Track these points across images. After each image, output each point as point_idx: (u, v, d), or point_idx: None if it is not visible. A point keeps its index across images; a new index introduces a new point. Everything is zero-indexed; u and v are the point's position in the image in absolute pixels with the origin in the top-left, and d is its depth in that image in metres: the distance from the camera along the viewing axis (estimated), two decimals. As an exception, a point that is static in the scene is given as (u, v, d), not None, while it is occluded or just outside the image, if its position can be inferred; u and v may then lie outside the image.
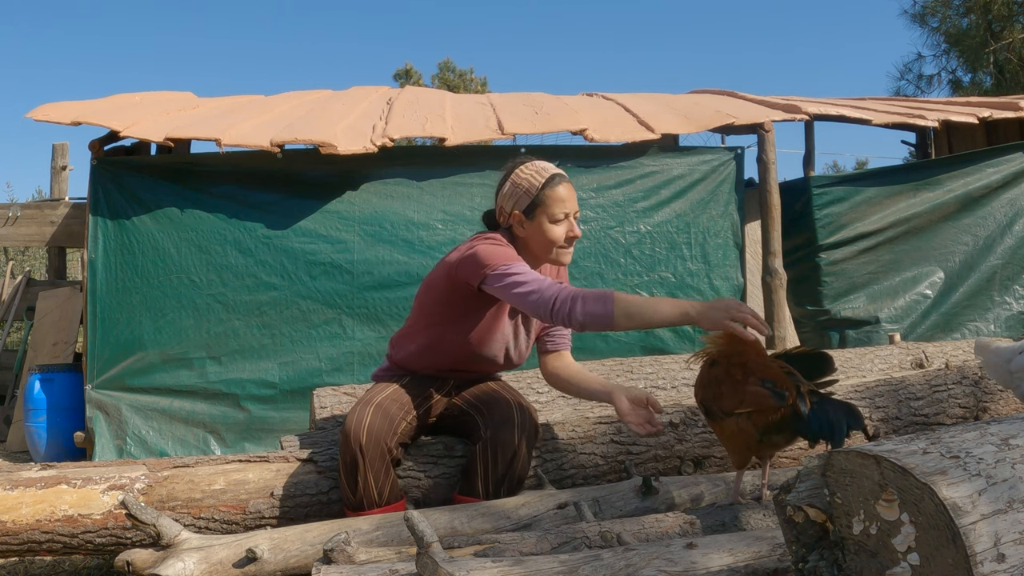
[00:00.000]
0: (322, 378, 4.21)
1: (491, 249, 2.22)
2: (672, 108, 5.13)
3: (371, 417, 2.19)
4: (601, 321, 2.05)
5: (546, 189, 2.28)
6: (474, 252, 2.22)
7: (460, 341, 2.32)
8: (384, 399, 2.26)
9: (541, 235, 2.28)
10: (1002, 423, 1.33)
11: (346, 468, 2.18)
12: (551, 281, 2.13)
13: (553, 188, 2.28)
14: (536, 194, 2.28)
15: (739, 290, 4.58)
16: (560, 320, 2.07)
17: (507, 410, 2.27)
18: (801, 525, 1.30)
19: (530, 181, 2.29)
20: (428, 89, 8.73)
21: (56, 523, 2.14)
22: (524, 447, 2.24)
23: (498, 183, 2.37)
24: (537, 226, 2.28)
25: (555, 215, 2.27)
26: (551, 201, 2.27)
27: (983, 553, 1.09)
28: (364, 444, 2.16)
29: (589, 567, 1.51)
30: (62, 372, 4.72)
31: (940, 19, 11.55)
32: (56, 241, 6.07)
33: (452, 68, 16.73)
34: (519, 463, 2.25)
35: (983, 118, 5.09)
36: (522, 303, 2.13)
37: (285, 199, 4.36)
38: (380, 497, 2.17)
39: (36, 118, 4.42)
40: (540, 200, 2.27)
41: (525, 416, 2.27)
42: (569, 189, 2.31)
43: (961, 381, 2.92)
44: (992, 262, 5.01)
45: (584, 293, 2.07)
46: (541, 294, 2.09)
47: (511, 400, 2.31)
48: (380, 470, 2.17)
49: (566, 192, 2.30)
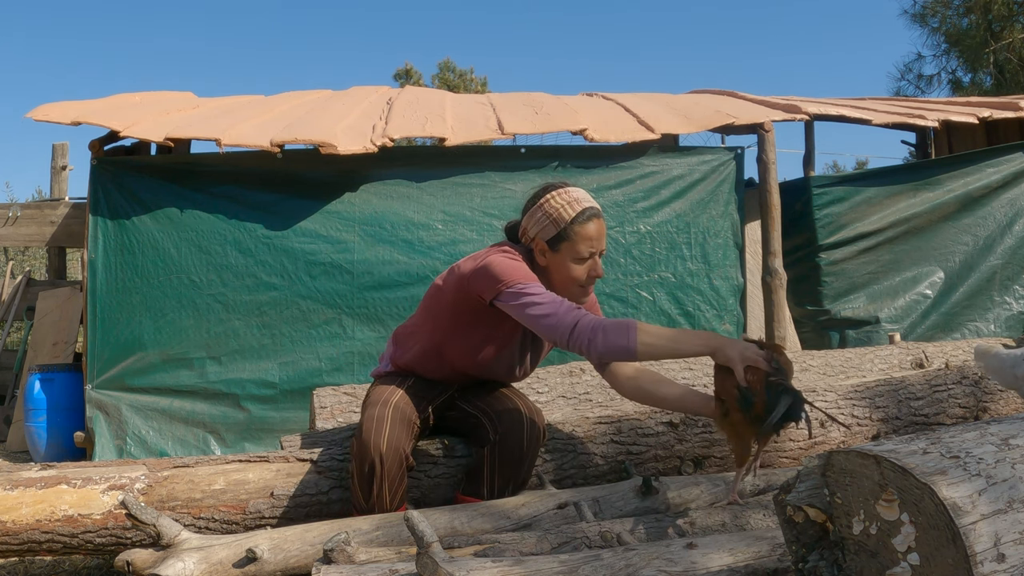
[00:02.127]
0: (322, 378, 4.21)
1: (506, 264, 2.10)
2: (672, 108, 5.13)
3: (390, 424, 2.14)
4: (622, 355, 1.96)
5: (576, 224, 2.13)
6: (488, 265, 2.11)
7: (464, 353, 2.25)
8: (398, 402, 2.20)
9: (563, 270, 2.16)
10: (1002, 423, 1.33)
11: (361, 475, 2.12)
12: (569, 305, 2.02)
13: (583, 224, 2.13)
14: (564, 227, 2.13)
15: (739, 290, 4.58)
16: (577, 349, 1.98)
17: (515, 414, 2.25)
18: (801, 525, 1.30)
19: (560, 212, 2.14)
20: (428, 89, 8.73)
21: (56, 523, 2.14)
22: (532, 451, 2.23)
23: (528, 200, 2.25)
24: (560, 260, 2.15)
25: (580, 253, 2.14)
26: (579, 238, 2.13)
27: (983, 553, 1.09)
28: (384, 453, 2.10)
29: (589, 567, 1.51)
30: (62, 372, 4.72)
31: (940, 19, 11.55)
32: (56, 241, 6.07)
33: (452, 68, 16.73)
34: (526, 466, 2.24)
35: (983, 118, 5.09)
36: (536, 325, 2.04)
37: (285, 199, 4.36)
38: (392, 504, 2.15)
39: (36, 118, 4.42)
40: (567, 234, 2.13)
41: (534, 420, 2.25)
42: (600, 226, 2.16)
43: (961, 381, 2.92)
44: (992, 262, 5.01)
45: (606, 324, 1.96)
46: (559, 319, 1.98)
47: (519, 403, 2.29)
48: (396, 478, 2.14)
49: (596, 230, 2.15)
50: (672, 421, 2.56)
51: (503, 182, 4.49)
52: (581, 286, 2.19)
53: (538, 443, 2.26)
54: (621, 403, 3.04)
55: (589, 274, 2.17)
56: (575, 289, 2.19)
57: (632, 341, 1.93)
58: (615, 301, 4.45)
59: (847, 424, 2.63)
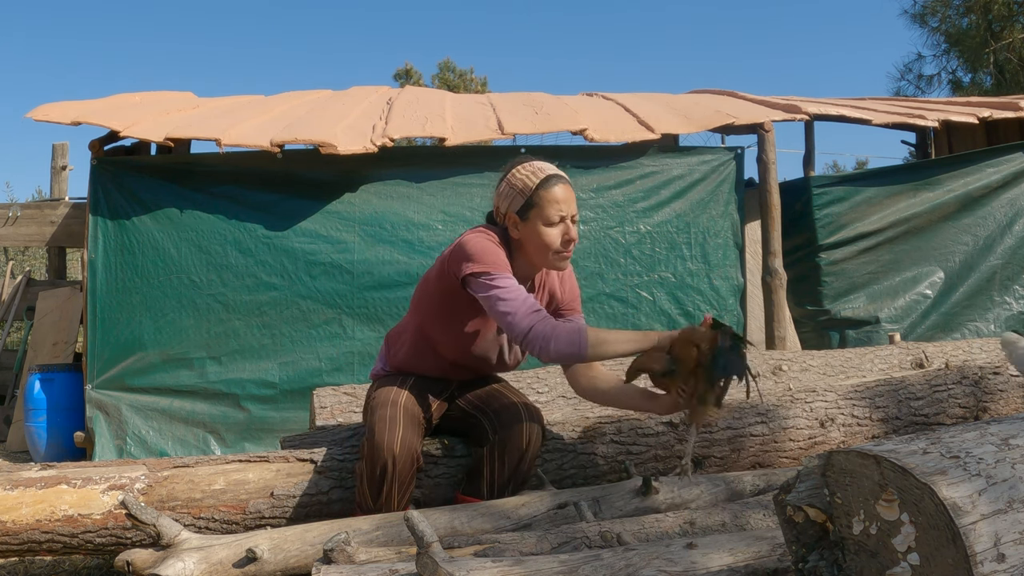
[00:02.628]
0: (322, 378, 4.21)
1: (480, 243, 2.17)
2: (672, 108, 5.13)
3: (402, 426, 2.15)
4: (573, 360, 2.09)
5: (540, 189, 2.18)
6: (463, 244, 2.19)
7: (451, 338, 2.27)
8: (405, 403, 2.21)
9: (536, 238, 2.19)
10: (1002, 423, 1.33)
11: (372, 477, 2.12)
12: (530, 306, 2.09)
13: (548, 189, 2.18)
14: (530, 195, 2.18)
15: (739, 290, 4.58)
16: (530, 352, 2.09)
17: (514, 412, 2.25)
18: (801, 525, 1.30)
19: (525, 181, 2.20)
20: (428, 89, 8.73)
21: (56, 523, 2.14)
22: (531, 449, 2.23)
23: (497, 182, 2.31)
24: (531, 229, 2.19)
25: (550, 217, 2.17)
26: (545, 202, 2.17)
27: (983, 553, 1.09)
28: (398, 454, 2.10)
29: (589, 567, 1.51)
30: (62, 372, 4.72)
31: (940, 19, 11.55)
32: (56, 241, 6.07)
33: (452, 68, 16.73)
34: (526, 465, 2.24)
35: (983, 118, 5.09)
36: (498, 320, 2.12)
37: (285, 199, 4.36)
38: (399, 506, 2.15)
39: (36, 118, 4.42)
40: (534, 201, 2.18)
41: (533, 418, 2.25)
42: (567, 190, 2.21)
43: (961, 381, 2.92)
44: (992, 262, 5.01)
45: (558, 332, 2.05)
46: (517, 320, 2.06)
47: (517, 402, 2.29)
48: (407, 479, 2.14)
49: (563, 193, 2.19)
50: (672, 421, 2.56)
51: (503, 182, 4.48)
52: (557, 252, 2.20)
53: (538, 441, 2.26)
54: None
55: (563, 238, 2.19)
56: (551, 257, 2.21)
57: (582, 347, 2.05)
58: (615, 301, 4.45)
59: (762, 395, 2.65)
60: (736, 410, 2.65)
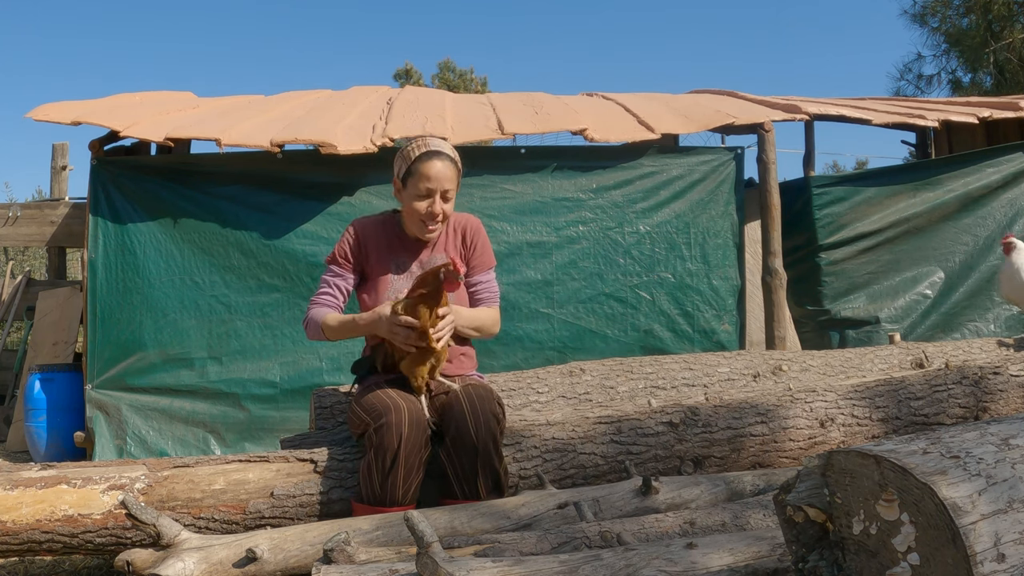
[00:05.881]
0: (322, 378, 4.21)
1: (343, 235, 2.50)
2: (672, 108, 5.13)
3: (407, 407, 2.17)
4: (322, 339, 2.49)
5: (418, 162, 2.39)
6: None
7: (366, 308, 2.46)
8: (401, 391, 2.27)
9: (408, 204, 2.43)
10: (1002, 423, 1.33)
11: (380, 459, 2.12)
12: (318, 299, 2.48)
13: (424, 162, 2.38)
14: (410, 164, 2.40)
15: (739, 290, 4.58)
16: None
17: (458, 405, 2.24)
18: (801, 525, 1.30)
19: (409, 152, 2.43)
20: (428, 89, 8.72)
21: (56, 523, 2.14)
22: (484, 437, 2.19)
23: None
24: (407, 195, 2.43)
25: (419, 189, 2.39)
26: (419, 175, 2.38)
27: (983, 553, 1.09)
28: (406, 435, 2.12)
29: (589, 567, 1.51)
30: (62, 372, 4.72)
31: (940, 19, 11.55)
32: (56, 241, 6.07)
33: (452, 68, 16.73)
34: (485, 455, 2.20)
35: (983, 118, 5.09)
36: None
37: (285, 199, 4.36)
38: (404, 497, 2.14)
39: (36, 118, 4.42)
40: (412, 170, 2.40)
41: (476, 406, 2.22)
42: (445, 168, 2.40)
43: (961, 381, 2.92)
44: (992, 262, 5.00)
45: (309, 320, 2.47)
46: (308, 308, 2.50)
47: (461, 393, 2.27)
48: (414, 465, 2.15)
49: (437, 170, 2.38)
50: (672, 421, 2.56)
51: (503, 183, 4.48)
52: (421, 220, 2.43)
53: (488, 427, 2.20)
54: (621, 403, 3.05)
55: (428, 210, 2.40)
56: (417, 222, 2.45)
57: (323, 335, 2.45)
58: (614, 301, 4.45)
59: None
60: (736, 410, 2.65)
